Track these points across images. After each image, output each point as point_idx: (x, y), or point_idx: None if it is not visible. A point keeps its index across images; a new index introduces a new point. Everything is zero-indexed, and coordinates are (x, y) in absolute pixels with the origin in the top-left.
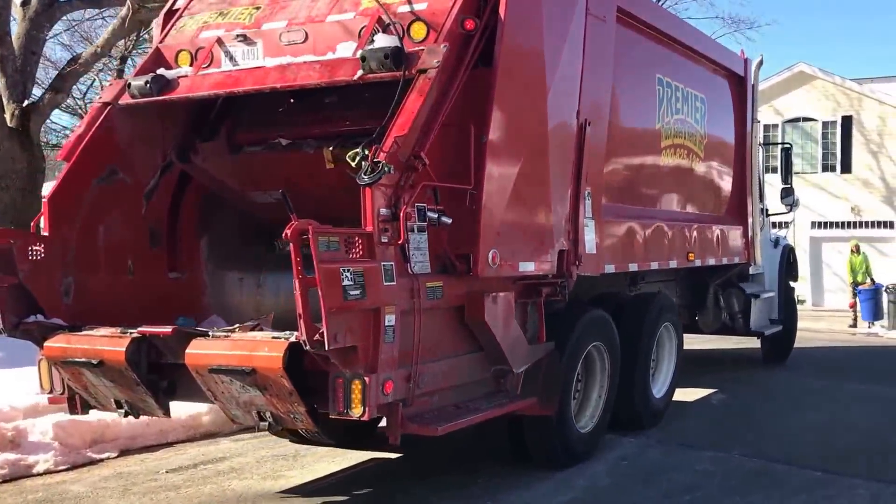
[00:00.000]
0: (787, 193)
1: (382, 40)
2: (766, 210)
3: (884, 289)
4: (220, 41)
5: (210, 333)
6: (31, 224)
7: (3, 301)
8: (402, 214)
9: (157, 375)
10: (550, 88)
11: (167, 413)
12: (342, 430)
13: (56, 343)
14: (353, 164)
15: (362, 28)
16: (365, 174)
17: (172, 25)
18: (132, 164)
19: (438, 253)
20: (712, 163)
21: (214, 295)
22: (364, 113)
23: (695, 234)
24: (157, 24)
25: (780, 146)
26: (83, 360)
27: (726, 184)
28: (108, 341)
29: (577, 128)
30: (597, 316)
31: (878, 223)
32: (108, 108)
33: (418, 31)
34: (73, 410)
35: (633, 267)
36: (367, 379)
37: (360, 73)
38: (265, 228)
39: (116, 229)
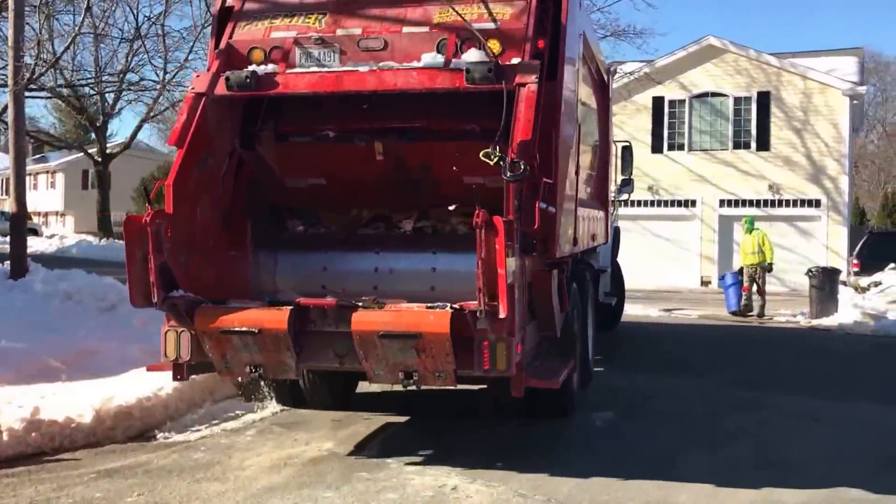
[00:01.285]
0: (626, 184)
1: (475, 55)
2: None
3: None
4: (297, 42)
5: (360, 305)
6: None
7: (157, 277)
8: (537, 204)
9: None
10: (574, 97)
11: (299, 374)
12: (331, 394)
13: (209, 314)
14: (491, 163)
15: (441, 41)
16: (508, 171)
17: (236, 24)
18: (215, 150)
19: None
20: (595, 159)
21: (253, 272)
22: (410, 112)
23: (593, 219)
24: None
25: (621, 144)
26: (242, 329)
27: (599, 175)
28: (267, 313)
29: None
30: (574, 286)
31: (802, 202)
32: (203, 98)
33: (493, 46)
34: (176, 377)
35: (577, 249)
36: (511, 340)
37: (464, 83)
38: (282, 212)
39: (205, 211)
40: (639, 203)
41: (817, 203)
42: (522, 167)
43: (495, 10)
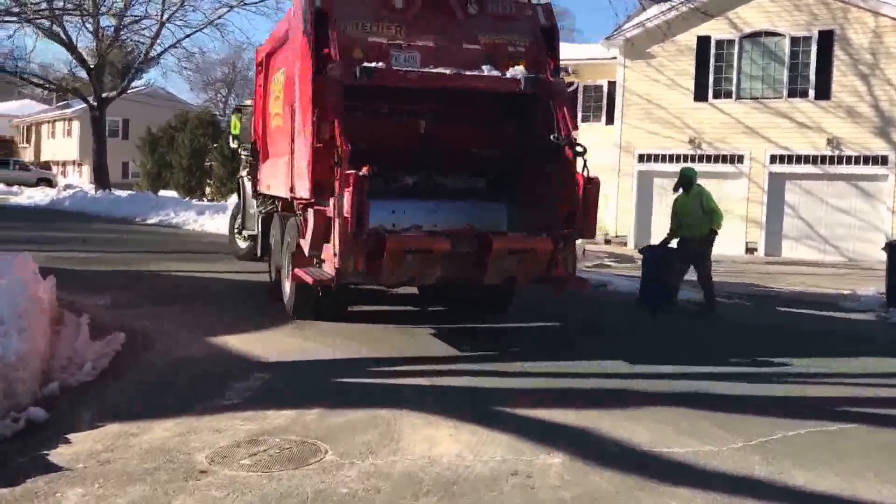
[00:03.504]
0: None
1: (520, 71)
2: None
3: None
4: (390, 46)
5: (490, 234)
6: (331, 163)
7: (367, 213)
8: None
9: None
10: None
11: (434, 281)
12: (334, 307)
13: (398, 240)
14: (560, 143)
15: (489, 56)
16: (575, 150)
17: (336, 25)
18: None
19: None
20: None
21: None
22: (443, 101)
23: None
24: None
25: None
26: (420, 248)
27: None
28: (434, 238)
29: None
30: None
31: (866, 158)
32: (340, 83)
33: (521, 63)
34: (338, 283)
35: None
36: (576, 255)
37: (521, 88)
38: None
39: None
40: (678, 158)
41: (884, 160)
42: (583, 147)
43: (519, 40)
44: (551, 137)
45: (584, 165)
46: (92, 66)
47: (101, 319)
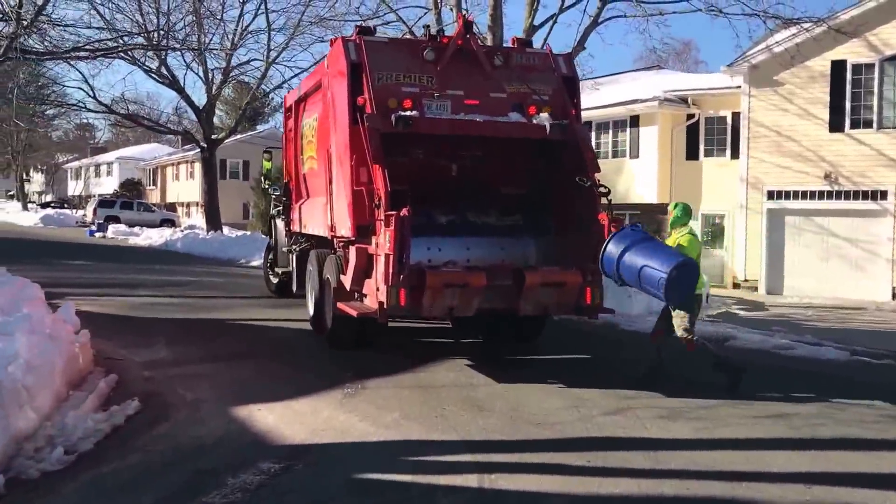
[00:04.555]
0: None
1: (545, 118)
2: None
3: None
4: (422, 96)
5: (523, 268)
6: (371, 204)
7: (409, 250)
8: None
9: None
10: None
11: (473, 313)
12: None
13: (437, 275)
14: (585, 185)
15: (515, 104)
16: (599, 190)
17: (371, 79)
18: None
19: None
20: None
21: None
22: (474, 145)
23: None
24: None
25: None
26: (459, 283)
27: None
28: (472, 273)
29: None
30: None
31: None
32: (379, 132)
33: (545, 110)
34: (382, 319)
35: None
36: (602, 287)
37: (547, 134)
38: None
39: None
40: (812, 195)
41: None
42: (607, 188)
43: (542, 89)
44: (576, 179)
45: (609, 205)
46: (200, 108)
47: (132, 381)
